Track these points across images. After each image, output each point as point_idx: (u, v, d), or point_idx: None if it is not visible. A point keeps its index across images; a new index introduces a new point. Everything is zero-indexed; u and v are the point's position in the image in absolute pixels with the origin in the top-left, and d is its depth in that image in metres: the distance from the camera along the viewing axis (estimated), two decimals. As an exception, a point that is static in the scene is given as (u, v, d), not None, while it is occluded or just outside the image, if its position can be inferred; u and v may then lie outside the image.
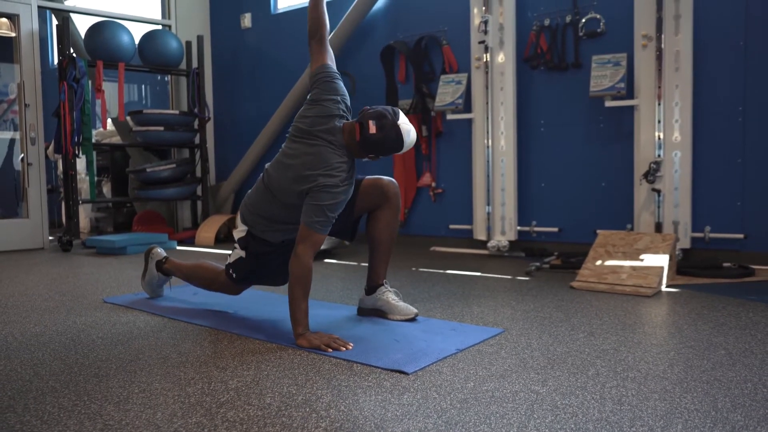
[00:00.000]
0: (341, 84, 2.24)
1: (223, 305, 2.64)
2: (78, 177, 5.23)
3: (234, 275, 2.35)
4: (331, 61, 2.28)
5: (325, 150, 2.08)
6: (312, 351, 1.94)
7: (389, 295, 2.38)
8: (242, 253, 2.29)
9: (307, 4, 2.43)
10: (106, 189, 6.36)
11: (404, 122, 2.11)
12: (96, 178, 5.87)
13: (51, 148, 5.27)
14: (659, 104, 3.52)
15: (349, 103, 2.24)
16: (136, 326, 2.34)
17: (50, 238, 5.26)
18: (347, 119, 2.20)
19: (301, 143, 2.13)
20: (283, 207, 2.17)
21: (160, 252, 2.77)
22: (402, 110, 4.65)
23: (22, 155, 5.06)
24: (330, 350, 1.92)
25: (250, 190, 2.33)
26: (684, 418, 1.38)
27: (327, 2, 5.18)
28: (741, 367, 1.73)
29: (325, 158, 2.07)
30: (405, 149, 2.13)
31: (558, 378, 1.66)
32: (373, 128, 2.06)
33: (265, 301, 2.74)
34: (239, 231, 2.32)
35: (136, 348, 2.03)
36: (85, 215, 6.36)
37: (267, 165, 2.27)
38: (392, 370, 1.75)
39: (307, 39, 2.32)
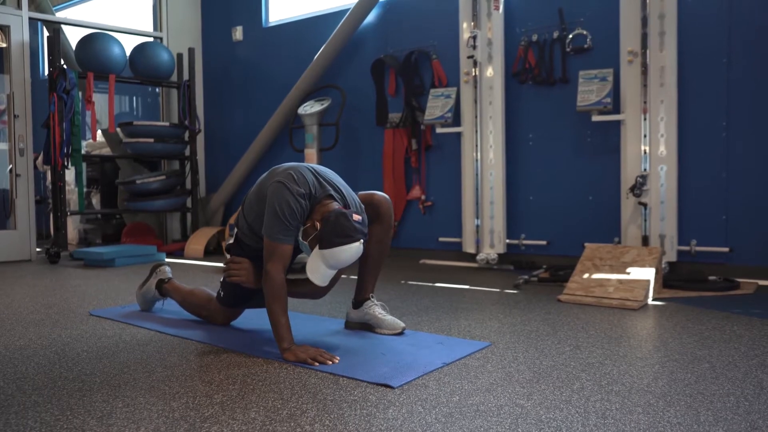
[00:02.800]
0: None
1: (210, 318, 2.63)
2: (67, 188, 5.21)
3: (222, 294, 2.36)
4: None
5: (306, 172, 2.09)
6: (298, 365, 1.94)
7: (376, 309, 2.38)
8: None
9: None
10: (95, 200, 6.32)
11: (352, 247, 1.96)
12: (85, 190, 5.85)
13: (40, 159, 5.25)
14: (645, 119, 3.56)
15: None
16: (122, 339, 2.33)
17: (38, 249, 5.23)
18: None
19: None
20: (257, 215, 2.18)
21: (167, 271, 2.76)
22: (392, 123, 4.71)
23: (11, 166, 5.04)
24: (316, 364, 1.92)
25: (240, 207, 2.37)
26: None
27: (319, 16, 5.25)
28: (724, 381, 1.75)
29: (300, 171, 2.07)
30: (332, 259, 1.98)
31: (543, 392, 1.67)
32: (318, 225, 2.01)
33: (252, 315, 2.73)
34: (229, 239, 2.36)
35: (122, 361, 2.02)
36: (73, 227, 6.32)
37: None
38: (378, 384, 1.75)
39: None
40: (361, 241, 1.98)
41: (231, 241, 2.37)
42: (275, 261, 2.03)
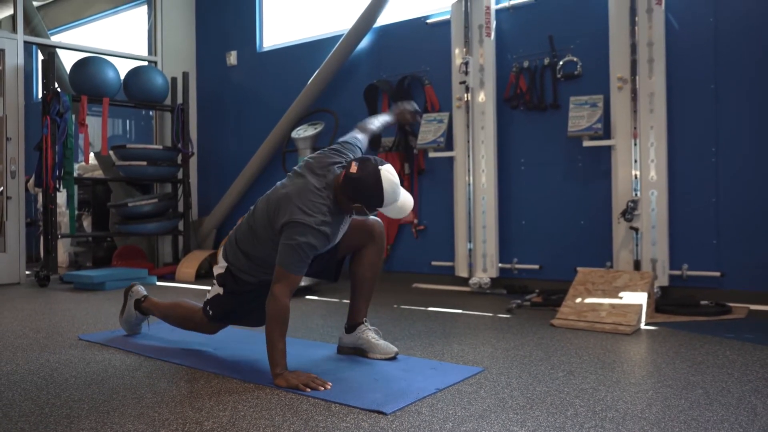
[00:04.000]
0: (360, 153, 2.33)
1: (201, 344, 2.61)
2: (58, 211, 5.18)
3: (210, 312, 2.34)
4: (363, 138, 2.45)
5: (309, 185, 2.09)
6: (290, 391, 1.92)
7: (369, 334, 2.37)
8: (220, 290, 2.29)
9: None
10: (87, 223, 6.29)
11: (387, 170, 2.09)
12: (77, 212, 5.82)
13: (32, 181, 5.23)
14: (635, 144, 3.60)
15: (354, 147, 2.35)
16: (112, 365, 2.30)
17: (27, 272, 5.18)
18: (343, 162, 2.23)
19: (293, 176, 2.18)
20: (262, 245, 2.16)
21: (140, 290, 2.73)
22: (384, 148, 4.73)
23: (1, 188, 5.02)
24: (308, 390, 1.90)
25: (235, 227, 2.33)
26: (661, 459, 1.38)
27: (313, 41, 5.30)
28: (718, 407, 1.74)
29: (305, 193, 2.07)
30: (387, 200, 2.08)
31: (537, 418, 1.66)
32: (354, 168, 2.08)
33: (244, 339, 2.71)
34: (219, 267, 2.31)
35: (111, 387, 1.99)
36: (63, 249, 6.27)
37: (257, 200, 2.28)
38: (371, 411, 1.73)
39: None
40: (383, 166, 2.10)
41: (222, 271, 2.29)
42: (284, 286, 2.02)
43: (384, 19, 4.85)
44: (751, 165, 3.48)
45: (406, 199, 2.21)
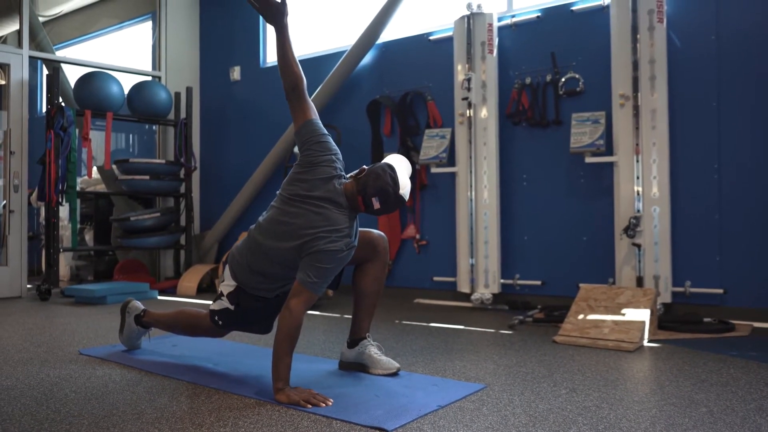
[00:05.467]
0: (331, 140, 2.21)
1: (202, 359, 2.59)
2: (60, 224, 5.19)
3: (220, 322, 2.30)
4: (314, 114, 2.24)
5: (331, 213, 2.06)
6: (291, 407, 1.91)
7: (372, 349, 2.35)
8: (231, 306, 2.23)
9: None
10: (89, 237, 6.30)
11: (404, 186, 2.11)
12: (79, 226, 5.82)
13: (34, 195, 5.25)
14: (637, 161, 3.61)
15: (341, 156, 2.22)
16: (112, 380, 2.29)
17: (28, 286, 5.18)
18: (344, 175, 2.17)
19: (302, 208, 2.07)
20: (278, 265, 2.12)
21: (138, 305, 2.72)
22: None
23: (4, 202, 5.03)
24: (309, 406, 1.89)
25: (238, 246, 2.25)
26: (665, 479, 1.37)
27: (316, 57, 5.33)
28: (722, 426, 1.73)
29: (332, 220, 2.05)
30: (403, 183, 2.14)
31: (539, 436, 1.65)
32: (377, 204, 2.08)
33: (245, 354, 2.70)
34: (227, 285, 2.24)
35: (111, 403, 1.98)
36: (65, 263, 6.27)
37: (258, 223, 2.19)
38: (372, 428, 1.72)
39: (285, 94, 2.29)
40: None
41: (232, 289, 2.23)
42: (301, 302, 2.01)
43: (387, 35, 4.89)
44: (754, 181, 3.48)
45: (409, 189, 2.19)
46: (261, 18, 5.79)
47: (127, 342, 2.76)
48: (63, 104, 4.96)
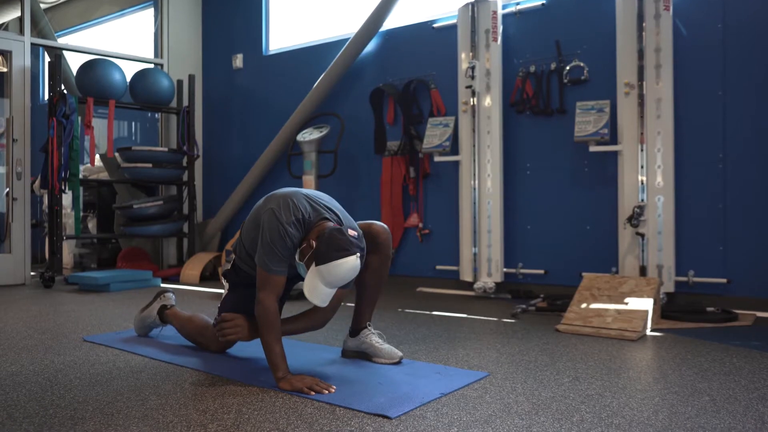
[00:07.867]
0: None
1: (205, 345, 2.60)
2: (63, 212, 5.19)
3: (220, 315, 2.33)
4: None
5: (297, 201, 2.07)
6: (294, 394, 1.91)
7: (373, 338, 2.36)
8: (226, 289, 2.35)
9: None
10: (92, 225, 6.31)
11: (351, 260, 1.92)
12: (82, 214, 5.83)
13: (37, 182, 5.25)
14: (642, 150, 3.59)
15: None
16: (116, 366, 2.29)
17: (32, 273, 5.19)
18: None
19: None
20: (251, 241, 2.19)
21: (171, 298, 2.75)
22: (390, 151, 4.73)
23: (7, 190, 5.03)
24: (312, 393, 1.89)
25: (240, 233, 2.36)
26: (668, 466, 1.37)
27: (318, 45, 5.31)
28: (725, 414, 1.73)
29: (288, 200, 2.05)
30: (329, 273, 1.92)
31: (542, 424, 1.65)
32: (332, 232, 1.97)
33: (250, 342, 2.70)
34: (226, 264, 2.38)
35: (115, 389, 1.99)
36: (68, 251, 6.28)
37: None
38: (375, 415, 1.72)
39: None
40: (358, 255, 1.94)
41: (228, 267, 2.39)
42: (268, 290, 2.03)
43: (390, 23, 4.86)
44: (759, 171, 3.46)
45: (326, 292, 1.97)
46: (264, 5, 5.77)
47: (139, 325, 2.78)
48: (65, 92, 4.95)
